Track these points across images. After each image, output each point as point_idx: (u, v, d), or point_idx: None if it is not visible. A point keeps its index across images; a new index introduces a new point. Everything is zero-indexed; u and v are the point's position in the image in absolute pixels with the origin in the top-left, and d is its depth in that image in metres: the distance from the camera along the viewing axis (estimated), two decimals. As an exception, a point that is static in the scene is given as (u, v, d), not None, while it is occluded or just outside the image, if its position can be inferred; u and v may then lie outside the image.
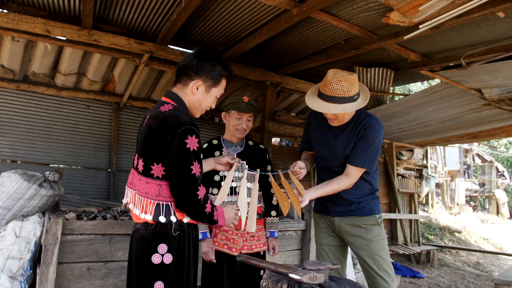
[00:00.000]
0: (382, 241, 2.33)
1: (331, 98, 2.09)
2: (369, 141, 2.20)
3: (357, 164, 2.21)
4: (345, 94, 2.08)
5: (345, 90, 2.07)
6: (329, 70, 2.16)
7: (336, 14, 3.27)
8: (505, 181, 17.47)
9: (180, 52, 4.07)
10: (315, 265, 1.58)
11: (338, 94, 2.08)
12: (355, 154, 2.22)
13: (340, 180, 2.22)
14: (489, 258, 8.44)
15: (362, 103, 2.14)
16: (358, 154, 2.21)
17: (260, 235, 2.60)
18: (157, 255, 1.67)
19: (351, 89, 2.08)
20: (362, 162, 2.20)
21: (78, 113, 4.94)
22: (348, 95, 2.08)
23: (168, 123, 1.65)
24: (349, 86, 2.07)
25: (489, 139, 7.69)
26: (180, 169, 1.62)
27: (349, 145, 2.26)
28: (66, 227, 2.73)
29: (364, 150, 2.20)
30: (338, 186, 2.21)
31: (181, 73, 1.83)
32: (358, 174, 2.24)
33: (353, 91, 2.10)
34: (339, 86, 2.07)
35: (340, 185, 2.22)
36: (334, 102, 2.10)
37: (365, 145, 2.20)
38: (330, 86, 2.08)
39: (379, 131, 2.23)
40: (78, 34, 3.58)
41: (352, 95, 2.09)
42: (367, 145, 2.20)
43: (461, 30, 3.41)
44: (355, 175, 2.23)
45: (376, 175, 2.43)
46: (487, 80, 4.27)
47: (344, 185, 2.22)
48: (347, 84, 2.07)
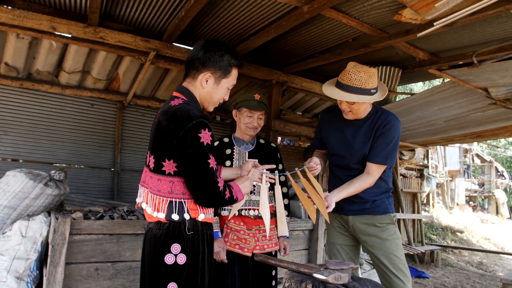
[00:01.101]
0: (397, 240, 2.30)
1: (348, 87, 2.07)
2: (389, 138, 2.18)
3: (379, 162, 2.17)
4: (362, 85, 2.05)
5: (362, 81, 2.04)
6: (350, 62, 2.15)
7: (346, 12, 3.24)
8: (505, 181, 17.52)
9: (186, 50, 4.03)
10: (338, 265, 1.55)
11: (355, 84, 2.05)
12: (376, 152, 2.18)
13: (363, 179, 2.19)
14: (492, 258, 8.44)
15: (378, 98, 2.11)
16: (379, 152, 2.17)
17: (272, 235, 2.56)
18: (170, 255, 1.62)
19: (369, 81, 2.06)
20: (384, 159, 2.17)
21: (82, 111, 4.89)
22: (366, 87, 2.05)
23: (178, 117, 1.59)
24: (367, 78, 2.05)
25: (492, 139, 7.68)
26: (197, 165, 1.58)
27: (368, 142, 2.23)
28: (74, 226, 2.68)
29: (385, 147, 2.17)
30: (362, 185, 2.18)
31: (189, 66, 1.77)
32: (379, 172, 2.22)
33: (371, 84, 2.07)
34: (357, 76, 2.05)
35: (364, 184, 2.18)
36: (350, 92, 2.07)
37: (385, 142, 2.17)
38: (348, 75, 2.07)
39: (397, 127, 2.21)
40: (84, 31, 3.53)
41: (369, 88, 2.07)
42: (387, 142, 2.17)
43: (472, 28, 3.39)
44: (377, 173, 2.20)
45: (391, 173, 2.40)
46: (495, 79, 4.25)
47: (367, 183, 2.19)
48: (365, 76, 2.05)
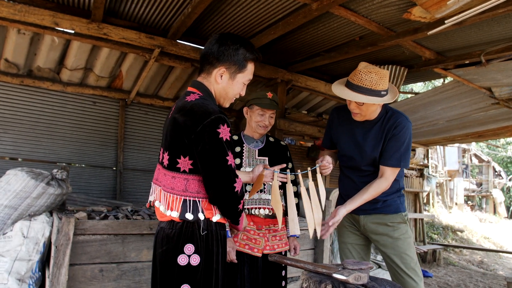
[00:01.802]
0: (409, 239, 2.28)
1: (358, 88, 2.04)
2: (401, 140, 2.15)
3: (393, 165, 2.15)
4: (373, 86, 2.01)
5: (373, 82, 2.01)
6: (361, 62, 2.11)
7: (355, 10, 3.20)
8: (502, 180, 17.66)
9: (191, 48, 3.97)
10: (356, 265, 1.52)
11: (366, 85, 2.02)
12: (389, 155, 2.16)
13: (378, 185, 2.16)
14: (492, 257, 8.50)
15: (387, 100, 2.07)
16: (392, 154, 2.15)
17: (282, 235, 2.54)
18: (183, 256, 1.57)
19: (380, 83, 2.02)
20: (398, 162, 2.15)
21: (84, 109, 4.82)
22: (376, 88, 2.02)
23: (196, 112, 1.55)
24: (378, 80, 2.01)
25: (493, 138, 7.71)
26: (215, 161, 1.54)
27: (379, 144, 2.20)
28: (78, 227, 2.63)
29: (398, 149, 2.14)
30: (377, 191, 2.16)
31: (203, 61, 1.73)
32: (394, 175, 2.19)
33: (381, 86, 2.03)
34: (368, 76, 2.01)
35: (379, 189, 2.16)
36: (359, 92, 2.04)
37: (398, 144, 2.14)
38: (359, 75, 2.03)
39: (408, 128, 2.18)
40: (87, 27, 3.46)
41: (380, 89, 2.03)
42: (399, 144, 2.14)
43: (479, 27, 3.36)
44: (392, 176, 2.18)
45: (403, 172, 2.38)
46: (499, 79, 4.25)
47: (382, 188, 2.17)
48: (376, 77, 2.01)
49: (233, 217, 1.68)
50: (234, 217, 1.68)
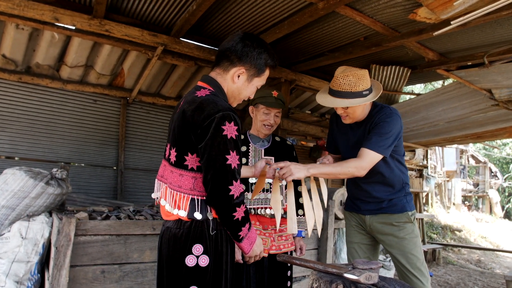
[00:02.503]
0: (415, 239, 2.26)
1: (338, 93, 2.05)
2: (384, 127, 2.09)
3: (370, 147, 2.05)
4: (352, 89, 2.02)
5: (351, 85, 2.02)
6: (339, 67, 2.13)
7: (360, 10, 3.19)
8: (498, 181, 17.82)
9: (195, 46, 3.93)
10: (367, 264, 1.50)
11: (344, 89, 2.03)
12: (368, 138, 2.11)
13: (350, 161, 2.06)
14: (489, 256, 8.57)
15: (370, 99, 2.06)
16: (372, 137, 2.08)
17: (288, 235, 2.52)
18: (191, 256, 1.51)
19: (359, 84, 2.02)
20: (377, 147, 2.05)
21: (84, 108, 4.77)
22: (355, 90, 2.02)
23: (205, 108, 1.49)
24: (356, 81, 2.02)
25: (492, 139, 7.75)
26: (214, 158, 1.46)
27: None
28: (79, 227, 2.59)
29: (380, 135, 2.07)
30: (347, 165, 2.03)
31: (222, 57, 1.67)
32: (371, 158, 2.06)
33: (361, 87, 2.03)
34: (346, 80, 2.03)
35: (349, 164, 2.04)
36: (340, 97, 2.05)
37: (381, 130, 2.09)
38: (337, 81, 2.05)
39: (395, 119, 2.13)
40: (89, 24, 3.41)
41: (360, 90, 2.03)
42: (381, 130, 2.08)
43: (482, 29, 3.37)
44: (367, 158, 2.05)
45: (406, 169, 2.36)
46: (499, 81, 4.26)
47: (352, 165, 2.03)
48: (354, 79, 2.02)
49: (229, 227, 1.54)
50: (230, 227, 1.54)
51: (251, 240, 1.62)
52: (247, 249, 1.62)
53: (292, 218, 2.06)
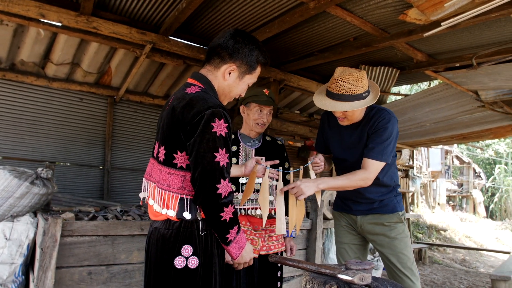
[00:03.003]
0: (406, 239, 2.29)
1: (338, 96, 2.03)
2: (384, 134, 2.11)
3: (374, 157, 2.08)
4: (352, 91, 2.01)
5: (352, 88, 2.00)
6: (337, 68, 2.09)
7: (351, 10, 3.19)
8: (481, 181, 18.18)
9: (184, 45, 3.89)
10: (360, 265, 1.50)
11: (345, 92, 2.01)
12: (371, 147, 2.11)
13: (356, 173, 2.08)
14: (474, 255, 8.73)
15: (370, 101, 2.07)
16: (374, 147, 2.10)
17: (279, 235, 2.51)
18: (180, 258, 1.48)
19: (359, 86, 2.01)
20: (380, 156, 2.08)
21: (70, 106, 4.67)
22: (356, 92, 2.01)
23: (195, 105, 1.46)
24: (356, 84, 2.01)
25: (477, 140, 7.89)
26: (202, 154, 1.42)
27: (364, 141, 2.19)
28: (65, 228, 2.54)
29: (381, 142, 2.10)
30: (354, 178, 2.06)
31: (213, 53, 1.64)
32: (375, 169, 2.10)
33: (361, 89, 2.02)
34: (346, 83, 2.00)
35: (356, 177, 2.06)
36: (341, 100, 2.03)
37: (381, 137, 2.11)
38: (337, 83, 2.02)
39: (393, 123, 2.15)
40: (76, 20, 3.33)
41: (360, 92, 2.02)
42: (383, 138, 2.11)
43: (470, 31, 3.41)
44: (372, 169, 2.09)
45: (396, 170, 2.38)
46: (486, 82, 4.34)
47: (359, 177, 2.07)
48: (354, 82, 2.00)
49: (216, 228, 1.50)
50: (217, 229, 1.50)
51: (240, 245, 1.57)
52: (236, 254, 1.57)
53: (281, 218, 2.06)
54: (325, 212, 4.28)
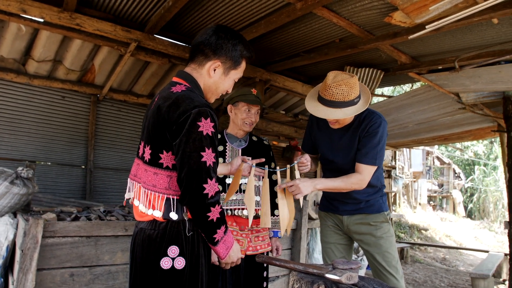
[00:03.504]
0: (391, 238, 2.32)
1: (331, 103, 2.04)
2: (376, 138, 2.15)
3: (368, 163, 2.14)
4: (345, 98, 2.02)
5: (344, 94, 2.01)
6: (329, 73, 2.09)
7: (337, 11, 3.22)
8: (461, 182, 18.61)
9: (169, 43, 3.85)
10: (347, 265, 1.51)
11: (338, 99, 2.02)
12: (364, 152, 2.15)
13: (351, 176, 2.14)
14: (454, 254, 8.92)
15: (362, 107, 2.09)
16: (368, 152, 2.14)
17: (265, 235, 2.52)
18: (166, 258, 1.46)
19: (351, 92, 2.03)
20: (373, 160, 2.14)
21: (52, 104, 4.57)
22: (348, 99, 2.03)
23: (181, 104, 1.44)
24: (349, 90, 2.02)
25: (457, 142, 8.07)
26: (188, 154, 1.40)
27: (355, 144, 2.21)
28: (47, 229, 2.47)
29: (374, 147, 2.14)
30: (350, 181, 2.12)
31: (196, 51, 1.62)
32: (369, 172, 2.16)
33: (354, 95, 2.04)
34: (339, 90, 2.01)
35: (351, 180, 2.12)
36: (333, 107, 2.04)
37: (373, 142, 2.14)
38: (330, 90, 2.03)
39: (384, 126, 2.19)
40: (59, 17, 3.26)
41: (352, 98, 2.04)
42: (375, 142, 2.14)
43: (453, 34, 3.48)
44: (367, 173, 2.15)
45: (382, 171, 2.42)
46: (467, 85, 4.44)
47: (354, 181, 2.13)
48: (347, 88, 2.01)
49: (203, 228, 1.49)
50: (205, 229, 1.48)
51: (227, 244, 1.56)
52: (223, 254, 1.56)
53: (266, 212, 2.06)
54: (310, 212, 4.29)
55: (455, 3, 2.73)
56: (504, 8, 2.73)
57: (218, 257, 1.61)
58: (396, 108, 5.35)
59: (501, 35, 3.37)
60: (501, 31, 3.29)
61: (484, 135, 7.08)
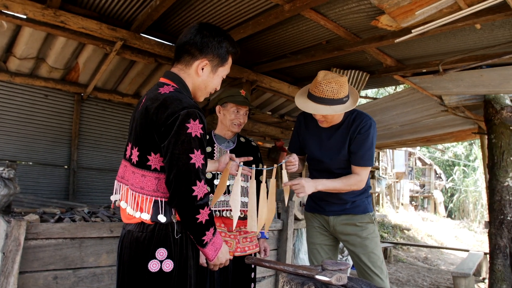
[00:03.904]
0: (376, 239, 2.36)
1: (320, 100, 2.09)
2: (369, 140, 2.22)
3: (365, 164, 2.22)
4: (334, 96, 2.07)
5: (334, 92, 2.07)
6: (320, 72, 2.14)
7: (325, 14, 3.24)
8: (442, 182, 19.02)
9: (156, 43, 3.80)
10: (336, 266, 1.53)
11: (328, 96, 2.07)
12: (359, 155, 2.21)
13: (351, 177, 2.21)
14: (435, 253, 9.10)
15: (351, 106, 2.15)
16: (363, 154, 2.21)
17: (253, 237, 2.54)
18: (154, 261, 1.46)
19: (341, 91, 2.08)
20: (369, 161, 2.23)
21: (34, 102, 4.46)
22: (338, 97, 2.08)
23: (169, 105, 1.44)
24: (338, 88, 2.07)
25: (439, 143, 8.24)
26: (177, 156, 1.40)
27: (345, 145, 2.25)
28: (29, 231, 2.42)
29: (368, 149, 2.22)
30: (349, 183, 2.20)
31: (182, 51, 1.61)
32: (367, 173, 2.26)
33: (343, 93, 2.09)
34: (329, 87, 2.06)
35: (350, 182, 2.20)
36: (323, 104, 2.09)
37: (367, 144, 2.22)
38: (320, 87, 2.08)
39: (374, 127, 2.27)
40: (43, 13, 3.18)
41: (342, 97, 2.09)
42: (368, 145, 2.22)
43: (437, 39, 3.55)
44: (365, 174, 2.24)
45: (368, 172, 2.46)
46: (450, 88, 4.54)
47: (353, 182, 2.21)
48: (336, 86, 2.07)
49: (192, 230, 1.48)
50: (193, 231, 1.48)
51: (216, 246, 1.56)
52: (212, 256, 1.56)
53: (252, 216, 2.07)
54: (296, 213, 4.32)
55: (440, 8, 2.79)
56: (487, 14, 2.80)
57: (206, 259, 1.61)
58: (380, 110, 5.43)
59: (483, 40, 3.45)
60: (483, 36, 3.38)
61: (465, 137, 7.25)
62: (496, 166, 4.35)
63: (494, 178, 4.36)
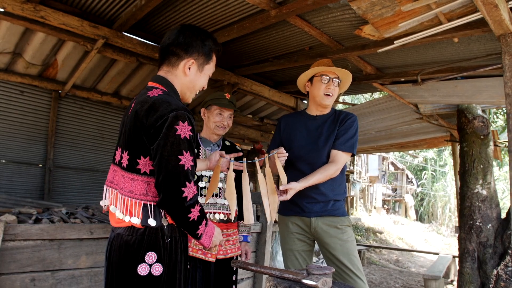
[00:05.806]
0: (354, 242, 2.42)
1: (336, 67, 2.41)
2: (353, 129, 2.34)
3: (346, 150, 2.29)
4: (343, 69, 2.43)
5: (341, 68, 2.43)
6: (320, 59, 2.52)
7: (310, 21, 3.30)
8: (413, 187, 19.57)
9: (138, 42, 3.75)
10: (321, 270, 1.56)
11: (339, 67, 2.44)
12: (343, 140, 2.29)
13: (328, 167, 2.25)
14: (406, 256, 9.35)
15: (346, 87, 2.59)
16: (347, 140, 2.29)
17: (235, 240, 2.55)
18: (144, 265, 1.46)
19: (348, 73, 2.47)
20: (351, 148, 2.30)
21: (9, 99, 4.31)
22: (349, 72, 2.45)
23: (158, 108, 1.45)
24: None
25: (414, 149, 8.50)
26: (166, 158, 1.41)
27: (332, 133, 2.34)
28: (7, 232, 2.35)
29: (351, 137, 2.31)
30: (327, 172, 2.23)
31: (167, 53, 1.63)
32: (344, 161, 2.32)
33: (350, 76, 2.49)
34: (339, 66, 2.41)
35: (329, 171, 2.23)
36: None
37: (351, 132, 2.32)
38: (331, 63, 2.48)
39: (357, 121, 2.43)
40: (22, 8, 3.08)
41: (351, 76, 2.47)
42: (352, 132, 2.32)
43: (417, 50, 3.68)
44: (342, 161, 2.30)
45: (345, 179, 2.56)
46: (426, 97, 4.71)
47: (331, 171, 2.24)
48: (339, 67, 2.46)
49: (186, 228, 1.52)
50: (187, 228, 1.52)
51: (209, 234, 1.60)
52: (207, 243, 1.60)
53: (248, 208, 2.09)
54: (275, 216, 4.35)
55: (422, 21, 2.91)
56: (465, 29, 2.93)
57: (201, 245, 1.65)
58: (358, 115, 5.48)
59: (459, 53, 3.61)
60: (459, 49, 3.53)
61: (437, 144, 7.50)
62: (467, 174, 4.52)
63: (465, 185, 4.52)
